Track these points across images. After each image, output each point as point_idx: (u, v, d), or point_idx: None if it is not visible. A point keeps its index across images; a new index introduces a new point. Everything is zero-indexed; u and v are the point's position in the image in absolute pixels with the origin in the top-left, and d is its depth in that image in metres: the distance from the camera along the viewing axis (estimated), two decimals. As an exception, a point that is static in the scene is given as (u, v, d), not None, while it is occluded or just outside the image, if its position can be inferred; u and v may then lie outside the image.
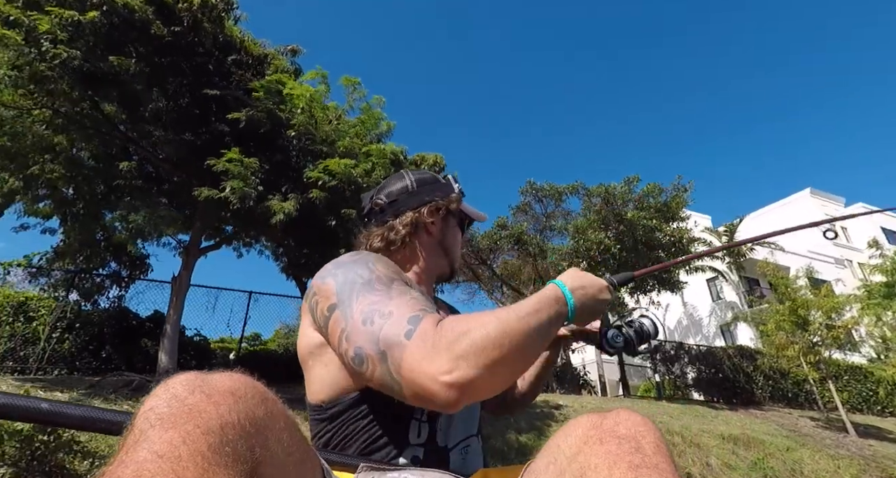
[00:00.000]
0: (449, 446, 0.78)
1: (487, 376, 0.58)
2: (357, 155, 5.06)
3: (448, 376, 0.57)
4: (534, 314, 0.66)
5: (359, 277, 0.72)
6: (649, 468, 0.46)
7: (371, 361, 0.62)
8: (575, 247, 11.54)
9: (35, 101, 5.08)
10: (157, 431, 0.40)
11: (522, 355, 0.63)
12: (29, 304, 8.27)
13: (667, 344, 12.62)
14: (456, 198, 0.98)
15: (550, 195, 13.65)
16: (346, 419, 0.76)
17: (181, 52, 5.56)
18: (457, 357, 0.58)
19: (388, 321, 0.63)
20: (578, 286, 0.76)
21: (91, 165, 6.85)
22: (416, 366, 0.58)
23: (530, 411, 6.70)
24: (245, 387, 0.47)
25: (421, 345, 0.59)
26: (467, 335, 0.59)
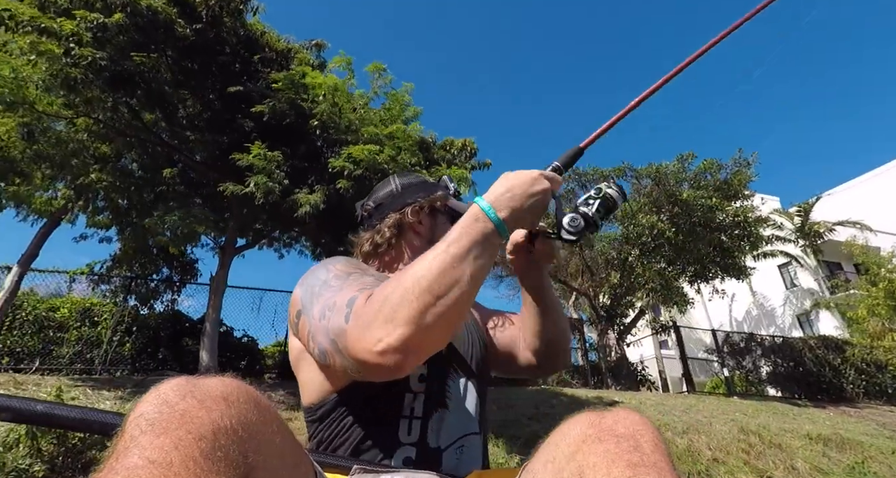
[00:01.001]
0: (442, 447, 0.77)
1: (419, 330, 0.59)
2: (382, 141, 4.88)
3: (378, 345, 0.58)
4: (454, 244, 0.65)
5: (317, 280, 0.75)
6: (647, 467, 0.46)
7: (329, 353, 0.65)
8: (624, 233, 10.80)
9: (76, 111, 5.34)
10: (149, 436, 0.40)
11: (452, 294, 0.61)
12: (93, 309, 8.85)
13: (734, 335, 11.57)
14: (441, 196, 0.99)
15: (595, 180, 12.93)
16: (334, 419, 0.77)
17: (207, 52, 5.65)
18: (383, 323, 0.59)
19: (333, 312, 0.66)
20: (503, 192, 0.72)
21: (140, 174, 7.18)
22: (357, 345, 0.60)
23: (582, 407, 6.25)
24: (237, 392, 0.47)
25: (355, 324, 0.62)
26: (388, 299, 0.61)
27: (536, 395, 6.88)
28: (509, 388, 7.55)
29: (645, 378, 11.13)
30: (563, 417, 0.53)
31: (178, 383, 0.46)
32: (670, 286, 10.71)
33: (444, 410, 0.80)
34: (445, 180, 1.04)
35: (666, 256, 10.84)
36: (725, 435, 5.53)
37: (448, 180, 1.04)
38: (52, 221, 7.27)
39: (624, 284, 11.47)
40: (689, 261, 10.96)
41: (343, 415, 0.77)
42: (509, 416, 5.60)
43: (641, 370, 11.31)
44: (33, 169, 5.24)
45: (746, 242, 11.04)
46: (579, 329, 11.75)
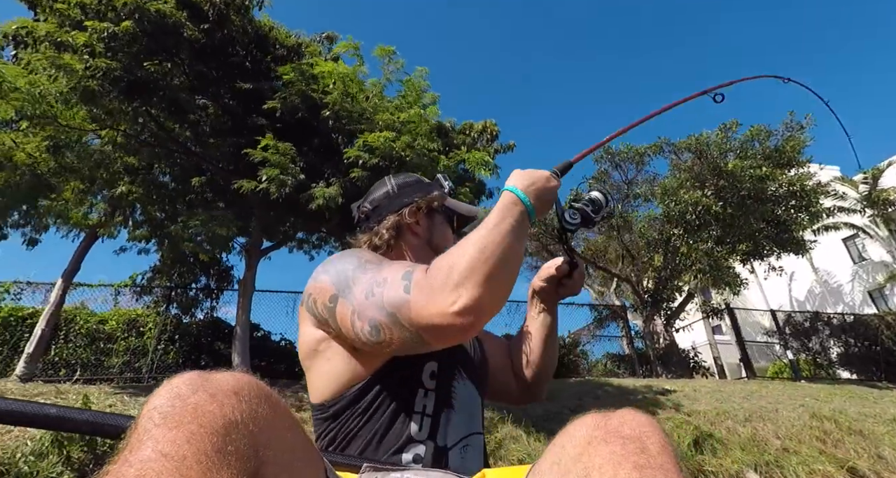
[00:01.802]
0: (448, 446, 0.80)
1: (487, 291, 0.66)
2: (398, 128, 4.74)
3: (455, 306, 0.65)
4: (502, 223, 0.74)
5: (349, 265, 0.79)
6: (654, 469, 0.47)
7: (385, 327, 0.69)
8: (665, 212, 10.19)
9: (100, 123, 5.52)
10: (162, 430, 0.41)
11: (507, 263, 0.70)
12: (138, 320, 9.26)
13: (797, 315, 10.72)
14: (438, 196, 1.02)
15: (630, 159, 12.30)
16: (349, 416, 0.78)
17: (218, 54, 5.70)
18: (454, 287, 0.66)
19: (385, 287, 0.71)
20: (529, 184, 0.82)
21: (172, 186, 7.38)
22: (425, 312, 0.66)
23: (629, 396, 5.89)
24: (248, 386, 0.48)
25: (419, 293, 0.68)
26: (455, 266, 0.68)
27: (580, 386, 6.57)
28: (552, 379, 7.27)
29: (698, 365, 10.49)
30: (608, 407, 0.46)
31: (190, 378, 0.47)
32: (720, 267, 10.02)
33: (450, 410, 0.82)
34: (440, 179, 1.08)
35: (713, 235, 10.15)
36: (795, 422, 5.04)
37: (443, 179, 1.08)
38: (91, 236, 7.60)
39: (668, 266, 10.85)
40: (739, 238, 10.22)
41: (359, 412, 0.78)
42: (551, 408, 5.34)
43: (693, 357, 10.66)
44: (61, 182, 5.44)
45: (805, 214, 10.17)
46: (623, 316, 11.22)
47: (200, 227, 4.97)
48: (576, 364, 9.57)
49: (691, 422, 4.70)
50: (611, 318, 11.66)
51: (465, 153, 5.05)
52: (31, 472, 2.82)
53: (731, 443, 4.41)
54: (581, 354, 10.05)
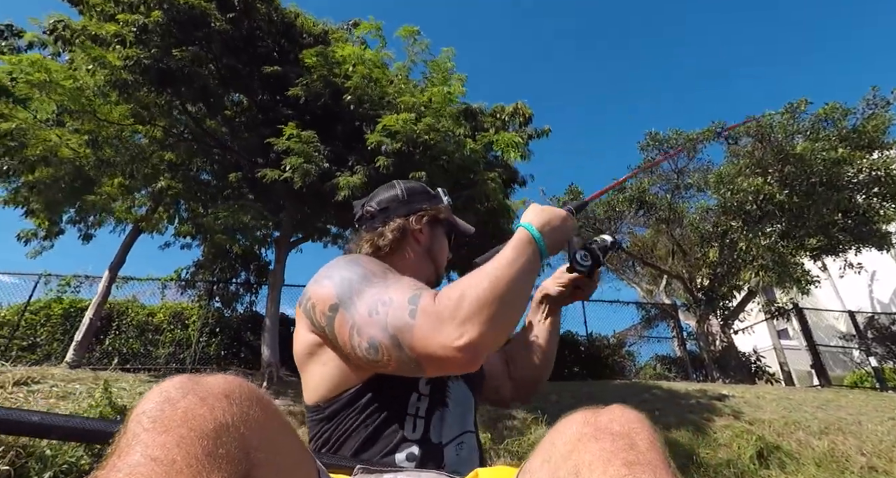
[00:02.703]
0: (444, 442, 0.81)
1: (493, 330, 0.67)
2: (420, 110, 4.53)
3: (459, 341, 0.65)
4: (516, 261, 0.74)
5: (354, 275, 0.78)
6: (643, 465, 0.47)
7: (384, 347, 0.69)
8: (721, 202, 9.37)
9: (137, 118, 5.71)
10: (151, 434, 0.41)
11: (516, 302, 0.71)
12: (183, 313, 9.68)
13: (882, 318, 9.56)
14: (444, 208, 1.06)
15: (680, 146, 11.45)
16: (344, 416, 0.79)
17: (245, 44, 5.74)
18: (461, 322, 0.66)
19: (390, 308, 0.71)
20: (545, 223, 0.83)
21: (214, 183, 7.59)
22: (428, 341, 0.66)
23: (681, 401, 5.38)
24: (239, 389, 0.48)
25: (425, 320, 0.68)
26: (464, 299, 0.68)
27: (625, 389, 6.10)
28: (594, 381, 6.82)
29: (761, 370, 9.58)
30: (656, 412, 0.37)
31: (180, 381, 0.47)
32: (786, 263, 9.09)
33: (444, 408, 0.84)
34: (440, 193, 1.09)
35: (778, 228, 9.23)
36: (884, 437, 4.37)
37: (443, 193, 1.09)
38: (135, 230, 7.96)
39: (725, 262, 9.99)
40: (809, 231, 9.23)
41: (354, 412, 0.79)
42: (591, 411, 4.94)
43: (755, 361, 9.76)
44: (100, 176, 5.67)
45: (891, 203, 9.03)
46: (674, 316, 10.47)
47: (229, 217, 4.99)
48: (621, 366, 9.01)
49: (754, 431, 4.18)
50: (660, 317, 10.93)
51: (493, 135, 4.76)
52: (54, 455, 2.87)
53: (803, 457, 3.87)
54: (627, 356, 9.46)
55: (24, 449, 2.85)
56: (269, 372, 5.42)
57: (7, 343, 8.59)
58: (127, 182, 6.60)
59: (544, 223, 0.83)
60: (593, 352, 8.82)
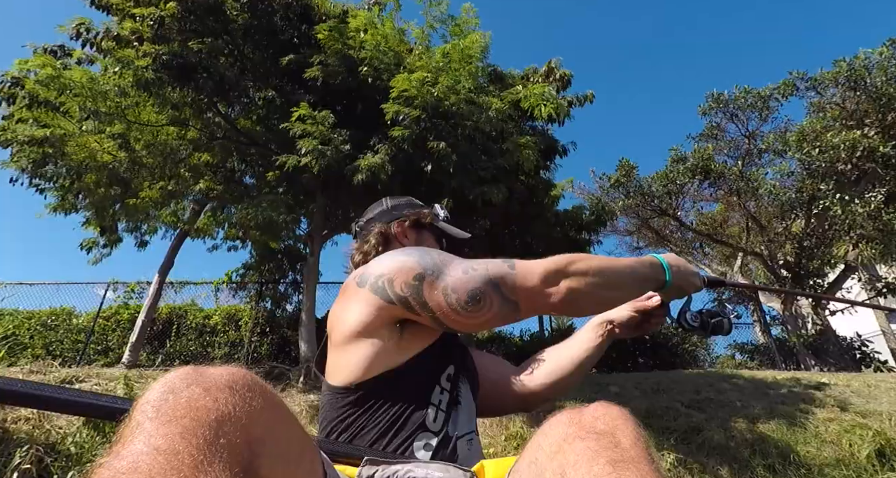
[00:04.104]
0: (458, 436, 0.85)
1: (586, 294, 0.81)
2: (436, 70, 4.18)
3: (556, 285, 0.80)
4: (633, 265, 0.89)
5: (433, 253, 0.87)
6: (626, 462, 0.48)
7: (487, 295, 0.79)
8: (805, 162, 8.20)
9: (169, 117, 5.85)
10: (154, 424, 0.42)
11: (617, 290, 0.86)
12: (237, 314, 10.05)
13: None
14: (427, 213, 1.11)
15: (750, 106, 10.23)
16: (375, 398, 0.82)
17: (265, 32, 5.69)
18: (567, 274, 0.81)
19: (488, 265, 0.82)
20: (675, 265, 0.93)
21: (252, 183, 7.72)
22: (530, 282, 0.80)
23: (769, 391, 4.66)
24: (242, 381, 0.49)
25: (527, 269, 0.81)
26: (573, 263, 0.82)
27: (698, 378, 5.41)
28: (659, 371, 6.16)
29: (868, 357, 8.29)
30: (738, 403, 1.19)
31: (184, 372, 0.48)
32: (893, 231, 7.77)
33: (458, 406, 0.89)
34: (437, 208, 1.17)
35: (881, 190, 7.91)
36: None
37: (439, 209, 1.16)
38: (182, 234, 8.29)
39: (814, 233, 8.79)
40: (922, 190, 7.86)
41: (381, 398, 0.82)
42: (658, 403, 4.39)
43: (860, 347, 8.47)
44: (133, 176, 5.85)
45: None
46: (753, 298, 9.37)
47: (257, 213, 4.93)
48: (693, 355, 8.16)
49: (869, 426, 3.46)
50: (736, 301, 9.84)
51: (521, 90, 4.31)
52: (78, 453, 2.86)
53: (939, 458, 3.11)
54: (700, 344, 8.56)
55: (52, 447, 2.87)
56: (307, 367, 5.33)
57: (84, 348, 9.31)
58: (169, 186, 6.84)
59: (677, 266, 0.93)
60: (659, 341, 8.04)
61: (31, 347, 9.42)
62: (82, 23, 4.68)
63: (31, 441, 2.71)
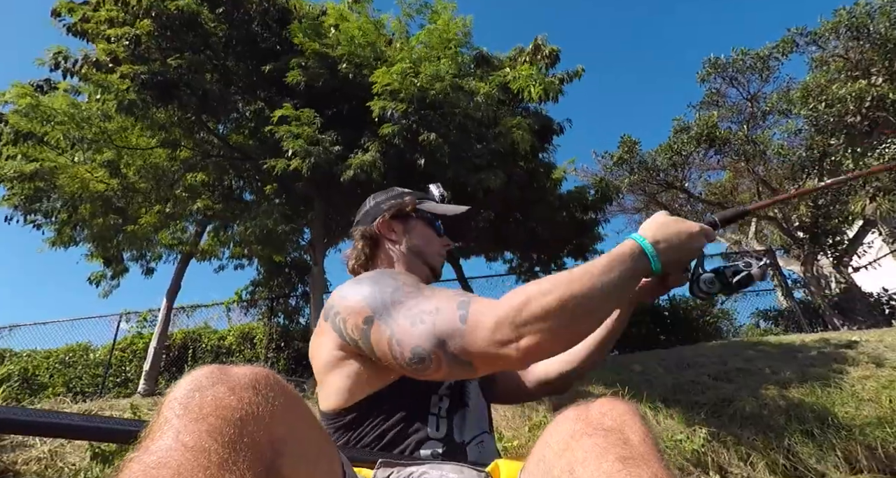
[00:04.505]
0: (466, 441, 0.83)
1: (553, 340, 0.66)
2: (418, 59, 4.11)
3: (513, 344, 0.65)
4: (604, 274, 0.69)
5: (388, 287, 0.78)
6: (636, 459, 0.48)
7: (433, 355, 0.69)
8: (812, 118, 7.99)
9: (158, 139, 5.83)
10: (182, 420, 0.44)
11: (589, 317, 0.69)
12: (251, 332, 10.08)
13: None
14: (406, 202, 1.04)
15: (750, 67, 9.99)
16: (366, 422, 0.81)
17: (246, 43, 5.64)
18: (520, 325, 0.65)
19: (438, 316, 0.71)
20: (664, 238, 0.76)
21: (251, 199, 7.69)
22: (480, 342, 0.67)
23: (797, 354, 4.53)
24: (266, 380, 0.50)
25: (477, 322, 0.68)
26: (528, 305, 0.66)
27: (723, 349, 5.28)
28: (681, 346, 6.03)
29: (897, 311, 8.07)
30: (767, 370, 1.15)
31: (210, 371, 0.49)
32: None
33: (465, 408, 0.87)
34: (432, 189, 1.11)
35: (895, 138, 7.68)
36: None
37: (434, 189, 1.10)
38: (186, 256, 8.30)
39: (828, 190, 8.55)
40: (938, 134, 7.61)
41: (374, 417, 0.81)
42: (684, 378, 4.28)
43: (888, 301, 8.24)
44: (127, 202, 5.84)
45: None
46: (771, 263, 9.16)
47: (251, 223, 4.89)
48: (715, 327, 7.99)
49: (910, 380, 3.31)
50: (755, 267, 9.62)
51: (508, 72, 4.21)
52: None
53: None
54: (721, 315, 8.39)
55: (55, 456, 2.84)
56: (321, 376, 5.29)
57: (102, 381, 9.38)
58: (167, 209, 6.84)
59: (664, 238, 0.76)
60: (680, 316, 7.89)
61: (51, 385, 9.52)
62: (59, 52, 4.68)
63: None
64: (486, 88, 4.04)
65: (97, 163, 5.67)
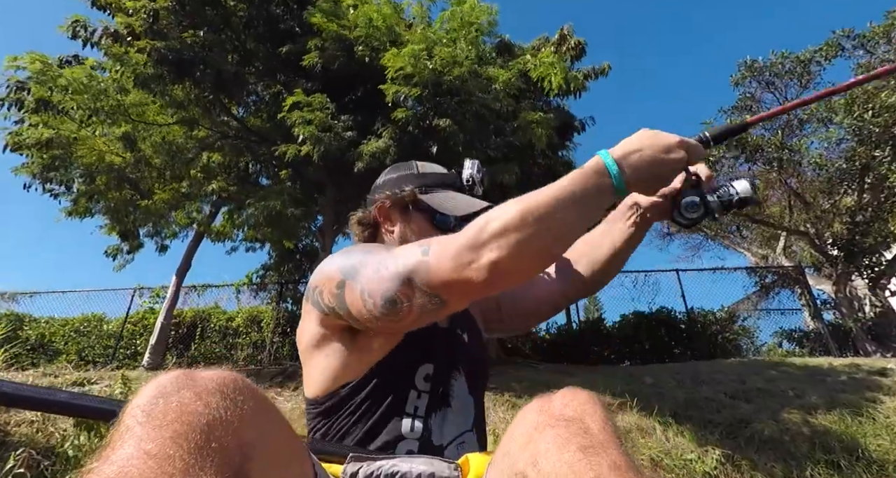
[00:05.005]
0: (444, 445, 0.81)
1: (516, 255, 0.65)
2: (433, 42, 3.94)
3: (475, 264, 0.66)
4: (563, 190, 0.68)
5: (356, 252, 0.80)
6: (596, 448, 0.49)
7: (401, 295, 0.70)
8: (855, 128, 7.54)
9: (174, 116, 5.82)
10: (145, 428, 0.42)
11: (551, 234, 0.68)
12: (258, 315, 10.13)
13: None
14: (409, 192, 0.97)
15: (788, 72, 9.53)
16: (341, 413, 0.81)
17: (265, 23, 5.57)
18: (481, 245, 0.66)
19: (400, 258, 0.72)
20: (632, 150, 0.72)
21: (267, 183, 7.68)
22: (444, 268, 0.67)
23: (825, 378, 4.24)
24: (234, 384, 0.49)
25: (441, 251, 0.69)
26: (486, 226, 0.67)
27: (742, 367, 5.00)
28: (696, 361, 5.76)
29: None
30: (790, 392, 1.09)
31: (175, 376, 0.48)
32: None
33: (447, 408, 0.84)
34: (464, 167, 1.01)
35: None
36: None
37: (467, 168, 1.00)
38: (198, 236, 8.35)
39: (868, 205, 8.10)
40: None
41: (348, 410, 0.80)
42: (699, 394, 4.04)
43: (927, 329, 7.77)
44: (139, 175, 5.85)
45: None
46: (800, 281, 8.73)
47: (261, 204, 4.82)
48: (735, 345, 7.65)
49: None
50: (781, 284, 9.20)
51: (529, 60, 4.01)
52: (75, 456, 2.79)
53: None
54: (742, 332, 8.03)
55: (51, 451, 2.81)
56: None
57: (113, 352, 9.57)
58: (182, 187, 6.85)
59: (632, 151, 0.71)
60: (696, 330, 7.58)
61: (65, 352, 9.76)
62: (77, 20, 4.67)
63: (31, 444, 2.65)
64: (506, 75, 3.85)
65: (114, 136, 5.70)
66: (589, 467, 0.46)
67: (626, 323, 7.71)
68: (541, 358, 7.47)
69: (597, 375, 4.85)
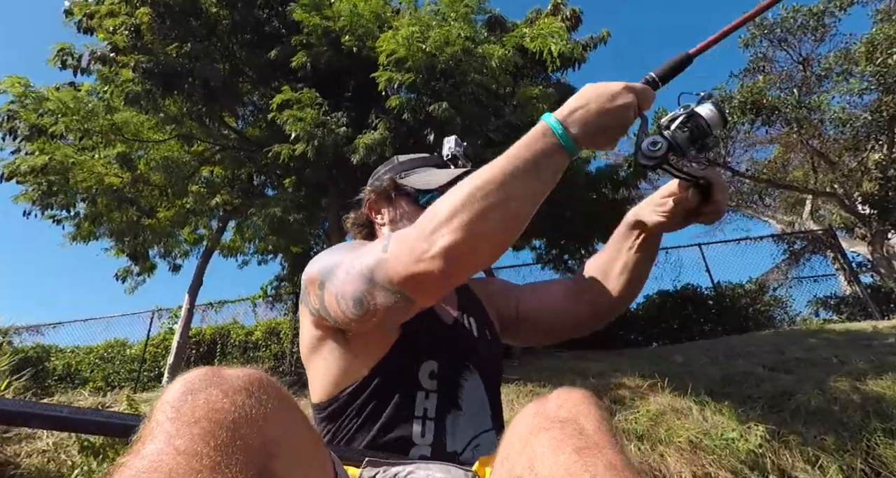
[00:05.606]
0: (459, 451, 0.79)
1: (467, 238, 0.63)
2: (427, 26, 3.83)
3: (428, 253, 0.63)
4: (510, 159, 0.67)
5: (335, 253, 0.80)
6: (591, 449, 0.49)
7: (367, 295, 0.68)
8: (877, 75, 7.17)
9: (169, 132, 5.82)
10: (174, 424, 0.43)
11: (504, 208, 0.65)
12: (277, 327, 10.21)
13: None
14: (388, 179, 0.98)
15: (801, 27, 9.12)
16: (345, 418, 0.80)
17: (252, 29, 5.52)
18: (430, 233, 0.64)
19: (363, 256, 0.71)
20: (576, 107, 0.70)
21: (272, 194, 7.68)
22: (401, 263, 0.66)
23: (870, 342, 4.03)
24: (259, 383, 0.50)
25: (397, 247, 0.67)
26: (435, 214, 0.65)
27: (778, 337, 4.79)
28: (727, 336, 5.55)
29: None
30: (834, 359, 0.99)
31: (203, 373, 0.49)
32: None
33: (457, 411, 0.81)
34: (444, 145, 1.02)
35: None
36: None
37: (446, 146, 1.01)
38: (207, 252, 8.38)
39: (899, 158, 7.72)
40: None
41: (352, 414, 0.79)
42: (735, 369, 3.86)
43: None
44: (140, 196, 5.86)
45: None
46: (832, 244, 8.37)
47: (260, 212, 4.78)
48: (767, 316, 7.38)
49: None
50: (811, 250, 8.83)
51: (525, 32, 3.86)
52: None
53: None
54: (774, 303, 7.74)
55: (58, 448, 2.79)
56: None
57: (137, 376, 9.72)
58: (186, 204, 6.87)
59: (577, 107, 0.69)
60: (725, 304, 7.33)
61: (92, 380, 9.95)
62: (62, 49, 4.68)
63: (42, 475, 2.63)
64: (501, 51, 3.71)
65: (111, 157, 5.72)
66: (584, 468, 0.47)
67: (651, 303, 7.50)
68: (562, 346, 7.33)
69: (623, 358, 4.69)
